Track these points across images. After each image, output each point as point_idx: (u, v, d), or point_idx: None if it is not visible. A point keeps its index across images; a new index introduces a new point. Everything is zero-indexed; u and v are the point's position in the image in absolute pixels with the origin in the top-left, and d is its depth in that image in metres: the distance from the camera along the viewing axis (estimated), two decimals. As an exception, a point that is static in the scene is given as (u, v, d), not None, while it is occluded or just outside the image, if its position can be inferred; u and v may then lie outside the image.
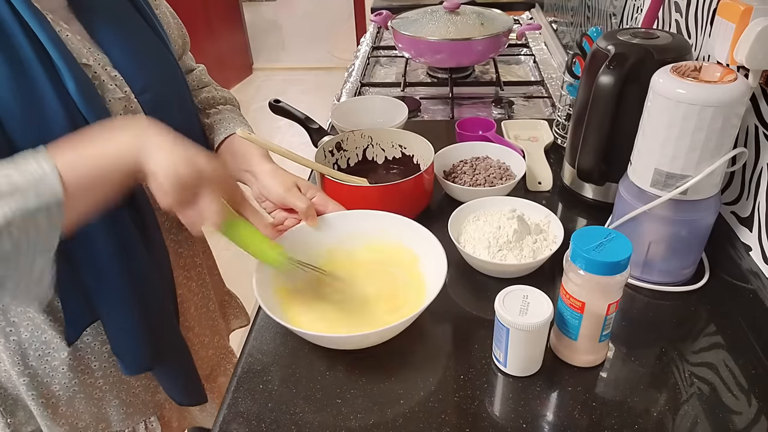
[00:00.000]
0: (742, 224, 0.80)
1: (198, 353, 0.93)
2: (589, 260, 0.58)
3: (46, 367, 0.75)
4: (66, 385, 0.77)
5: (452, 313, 0.75)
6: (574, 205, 0.95)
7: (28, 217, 0.50)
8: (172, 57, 0.77)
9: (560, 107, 1.09)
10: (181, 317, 0.86)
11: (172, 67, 0.77)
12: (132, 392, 0.84)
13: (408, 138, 0.97)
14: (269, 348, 0.70)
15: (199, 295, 0.92)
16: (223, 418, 0.62)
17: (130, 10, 0.72)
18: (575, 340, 0.64)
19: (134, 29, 0.72)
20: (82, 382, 0.78)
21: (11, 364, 0.73)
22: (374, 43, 1.77)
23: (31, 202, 0.50)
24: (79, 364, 0.77)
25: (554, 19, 1.83)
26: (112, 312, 0.73)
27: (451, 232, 0.80)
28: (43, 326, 0.72)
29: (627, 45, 0.79)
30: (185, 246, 0.86)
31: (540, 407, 0.62)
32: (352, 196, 0.84)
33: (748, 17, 0.68)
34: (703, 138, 0.65)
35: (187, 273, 0.88)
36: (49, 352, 0.74)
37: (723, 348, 0.69)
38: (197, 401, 0.89)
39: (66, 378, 0.76)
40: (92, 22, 0.67)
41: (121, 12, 0.71)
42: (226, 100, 0.93)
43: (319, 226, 0.79)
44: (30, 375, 0.74)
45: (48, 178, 0.51)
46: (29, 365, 0.74)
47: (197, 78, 0.93)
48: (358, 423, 0.61)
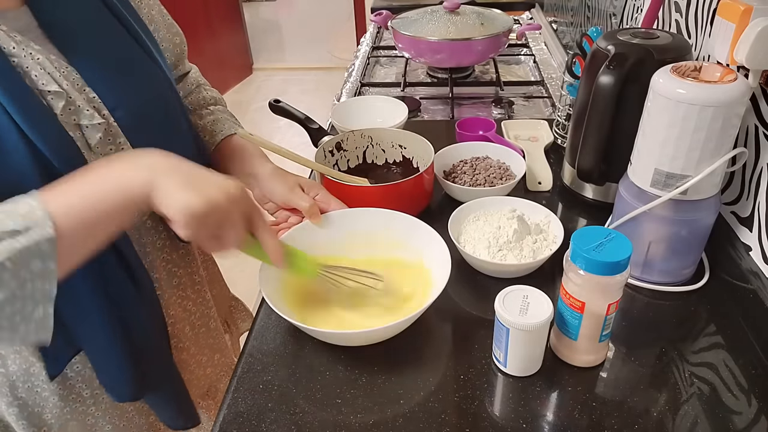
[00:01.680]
0: (742, 224, 0.80)
1: (194, 372, 0.89)
2: (589, 260, 0.58)
3: (36, 398, 0.72)
4: (57, 414, 0.74)
5: (452, 313, 0.75)
6: (574, 205, 0.95)
7: (20, 259, 0.47)
8: (154, 65, 0.71)
9: (560, 107, 1.09)
10: (174, 339, 0.82)
11: (153, 76, 0.71)
12: (126, 416, 0.81)
13: (408, 138, 0.97)
14: (269, 348, 0.70)
15: (197, 314, 0.87)
16: (223, 418, 0.62)
17: (106, 19, 0.67)
18: (575, 340, 0.64)
19: (109, 42, 0.67)
20: (74, 410, 0.75)
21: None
22: (374, 43, 1.77)
23: (22, 244, 0.47)
24: (70, 393, 0.74)
25: (554, 19, 1.83)
26: (93, 344, 0.70)
27: (451, 232, 0.80)
28: (30, 359, 0.69)
29: (627, 45, 0.79)
30: (181, 264, 0.82)
31: (540, 407, 0.62)
32: (353, 196, 0.84)
33: (748, 17, 0.68)
34: (703, 138, 0.65)
35: (182, 292, 0.83)
36: (38, 383, 0.71)
37: (723, 348, 0.69)
38: (190, 424, 0.86)
39: (57, 407, 0.74)
40: (64, 42, 0.62)
41: (95, 25, 0.66)
42: (216, 100, 0.92)
43: (322, 224, 0.79)
44: (19, 406, 0.72)
45: (39, 223, 0.48)
46: (18, 396, 0.71)
47: (194, 80, 0.91)
48: (358, 423, 0.61)
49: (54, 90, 0.59)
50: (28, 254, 0.47)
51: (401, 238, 0.79)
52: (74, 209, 0.51)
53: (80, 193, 0.52)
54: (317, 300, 0.74)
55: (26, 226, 0.48)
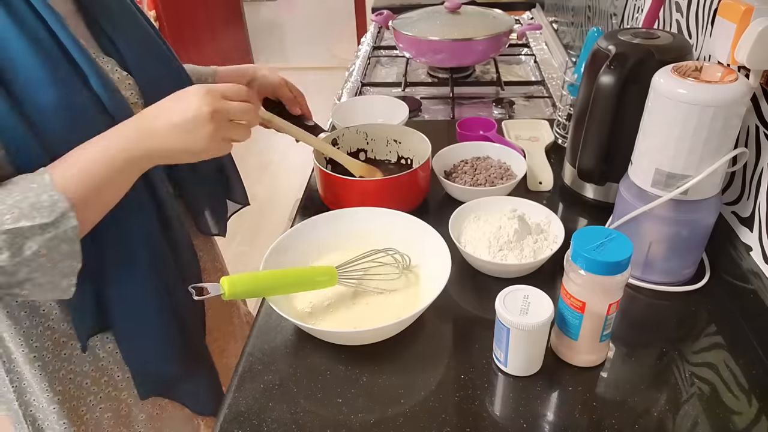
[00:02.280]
0: (742, 224, 0.80)
1: (217, 361, 0.93)
2: (590, 260, 0.58)
3: (71, 386, 0.76)
4: (91, 403, 0.78)
5: (453, 313, 0.75)
6: (575, 205, 0.95)
7: (53, 247, 0.57)
8: (177, 60, 0.80)
9: (561, 107, 1.09)
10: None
11: (179, 69, 0.80)
12: (158, 404, 0.84)
13: (404, 133, 0.97)
14: (270, 347, 0.70)
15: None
16: (224, 417, 0.62)
17: (135, 17, 0.75)
18: (576, 340, 0.64)
19: (141, 33, 0.75)
20: (107, 396, 0.79)
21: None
22: (375, 43, 1.77)
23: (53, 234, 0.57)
24: (102, 375, 0.78)
25: (555, 19, 1.83)
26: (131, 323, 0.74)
27: (451, 232, 0.80)
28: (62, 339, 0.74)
29: (628, 45, 0.79)
30: (203, 249, 0.88)
31: (540, 407, 0.62)
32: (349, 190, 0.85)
33: (749, 17, 0.68)
34: (704, 138, 0.65)
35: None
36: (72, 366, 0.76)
37: (723, 348, 0.69)
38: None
39: (91, 394, 0.78)
40: (100, 27, 0.69)
41: (128, 18, 0.74)
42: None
43: (323, 224, 0.80)
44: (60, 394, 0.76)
45: (65, 214, 0.57)
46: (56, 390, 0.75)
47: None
48: (359, 422, 0.61)
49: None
50: (58, 241, 0.57)
51: (401, 237, 0.79)
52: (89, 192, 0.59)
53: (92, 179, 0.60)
54: (318, 299, 0.74)
55: (54, 219, 0.57)
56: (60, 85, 0.61)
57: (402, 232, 0.79)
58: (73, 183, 0.58)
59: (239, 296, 0.64)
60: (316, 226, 0.80)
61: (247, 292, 0.65)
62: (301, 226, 0.79)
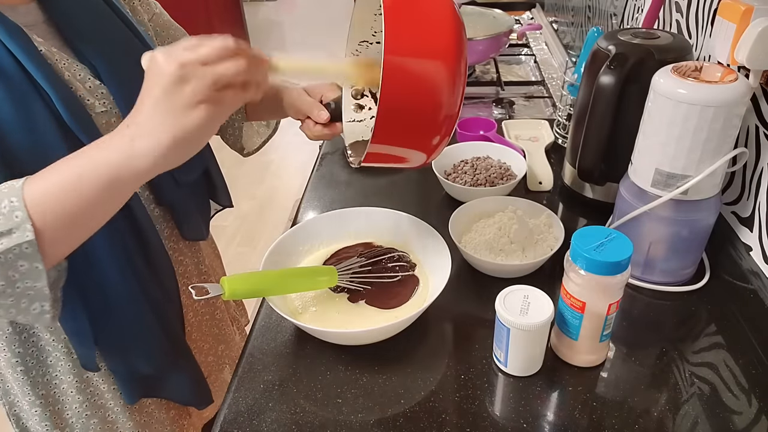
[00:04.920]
0: (742, 224, 0.80)
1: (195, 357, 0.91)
2: (590, 260, 0.58)
3: (56, 391, 0.75)
4: (77, 411, 0.77)
5: (453, 313, 0.75)
6: (575, 205, 0.95)
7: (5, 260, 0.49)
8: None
9: (561, 107, 1.09)
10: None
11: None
12: (145, 411, 0.83)
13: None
14: (270, 347, 0.70)
15: (201, 302, 0.89)
16: (223, 417, 0.62)
17: (112, 22, 0.70)
18: (576, 340, 0.64)
19: (119, 38, 0.70)
20: (93, 404, 0.78)
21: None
22: (375, 43, 1.76)
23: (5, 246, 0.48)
24: (87, 386, 0.77)
25: (555, 19, 1.83)
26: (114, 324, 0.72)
27: (451, 232, 0.80)
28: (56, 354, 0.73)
29: (628, 45, 0.79)
30: (187, 254, 0.85)
31: (540, 407, 0.62)
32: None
33: (749, 17, 0.68)
34: (704, 138, 0.65)
35: (188, 281, 0.86)
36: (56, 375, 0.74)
37: (723, 348, 0.69)
38: (205, 402, 0.88)
39: (76, 402, 0.77)
40: (72, 36, 0.65)
41: (101, 24, 0.69)
42: None
43: (323, 224, 0.80)
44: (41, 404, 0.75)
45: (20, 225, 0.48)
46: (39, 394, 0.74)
47: None
48: (359, 422, 0.61)
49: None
50: (13, 256, 0.49)
51: (401, 237, 0.79)
52: (58, 204, 0.49)
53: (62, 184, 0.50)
54: (318, 299, 0.74)
55: (8, 228, 0.48)
56: (16, 103, 0.58)
57: (402, 232, 0.79)
58: (46, 198, 0.50)
59: (239, 296, 0.64)
60: (316, 226, 0.80)
61: (247, 292, 0.65)
62: (301, 225, 0.79)
